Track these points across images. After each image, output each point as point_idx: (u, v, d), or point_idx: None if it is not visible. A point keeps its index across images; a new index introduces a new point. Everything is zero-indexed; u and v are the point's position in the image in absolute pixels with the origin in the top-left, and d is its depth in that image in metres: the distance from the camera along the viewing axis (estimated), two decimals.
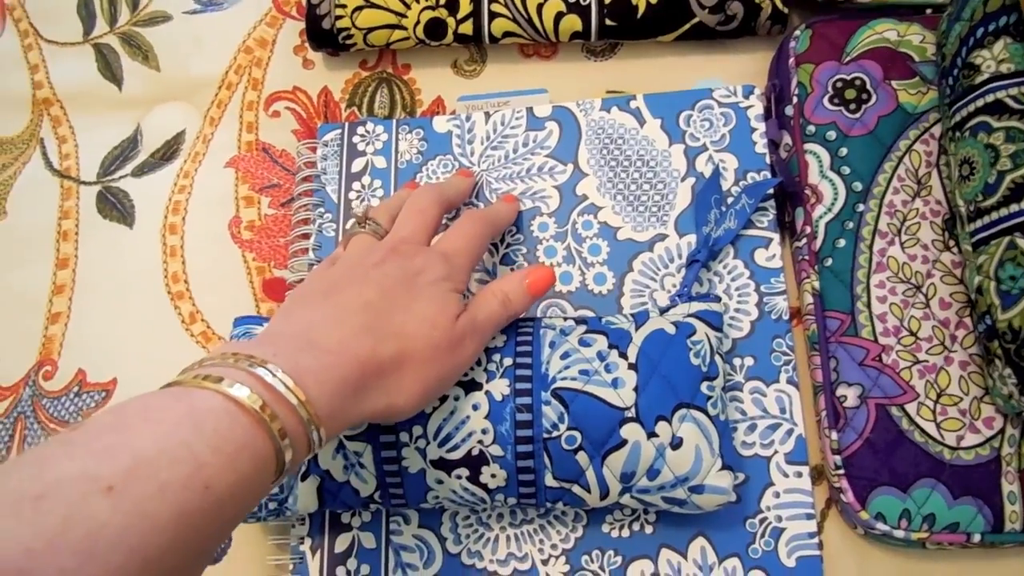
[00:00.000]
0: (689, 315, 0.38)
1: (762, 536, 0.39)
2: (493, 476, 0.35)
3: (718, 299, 0.39)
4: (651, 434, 0.34)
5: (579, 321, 0.38)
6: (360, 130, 0.48)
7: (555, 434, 0.35)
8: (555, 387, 0.35)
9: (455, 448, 0.35)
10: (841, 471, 0.38)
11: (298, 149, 0.48)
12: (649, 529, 0.40)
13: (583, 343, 0.36)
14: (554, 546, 0.40)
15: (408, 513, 0.41)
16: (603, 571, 0.39)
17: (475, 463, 0.35)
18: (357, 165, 0.47)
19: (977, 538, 0.37)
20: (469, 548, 0.40)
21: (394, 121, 0.48)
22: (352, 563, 0.40)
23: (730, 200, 0.43)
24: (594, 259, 0.44)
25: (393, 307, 0.32)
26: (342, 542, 0.40)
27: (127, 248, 0.49)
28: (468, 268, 0.37)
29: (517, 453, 0.35)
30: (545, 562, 0.40)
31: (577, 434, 0.35)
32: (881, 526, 0.37)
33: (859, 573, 0.39)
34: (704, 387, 0.36)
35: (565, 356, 0.36)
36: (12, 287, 0.49)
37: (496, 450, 0.35)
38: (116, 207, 0.50)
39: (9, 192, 0.51)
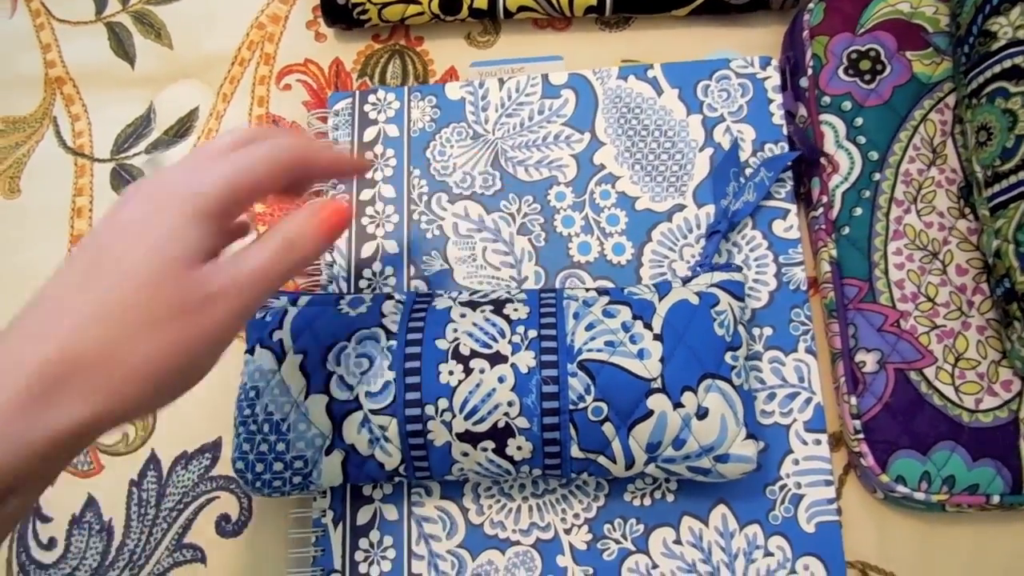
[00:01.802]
0: (712, 285, 0.38)
1: (782, 503, 0.39)
2: (519, 448, 0.35)
3: (739, 269, 0.39)
4: (677, 404, 0.35)
5: (601, 292, 0.38)
6: (372, 98, 0.47)
7: (581, 406, 0.35)
8: (581, 359, 0.35)
9: (481, 421, 0.35)
10: (861, 435, 0.39)
11: (308, 120, 0.48)
12: (671, 498, 0.40)
13: (607, 314, 0.37)
14: (576, 515, 0.40)
15: (430, 485, 0.41)
16: (625, 539, 0.39)
17: (501, 435, 0.35)
18: (369, 134, 0.47)
19: (996, 499, 0.37)
20: (492, 519, 0.40)
21: (406, 88, 0.47)
22: (375, 535, 0.40)
23: (748, 172, 0.43)
24: (612, 229, 0.44)
25: (94, 267, 0.25)
26: (364, 514, 0.40)
27: None
28: (220, 184, 0.26)
29: (543, 425, 0.35)
30: (568, 531, 0.40)
31: (603, 405, 0.35)
32: (901, 488, 0.38)
33: (878, 537, 0.40)
34: (728, 357, 0.36)
35: (590, 327, 0.36)
36: (27, 264, 0.49)
37: (522, 422, 0.35)
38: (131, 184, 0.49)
39: (23, 170, 0.50)
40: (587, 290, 0.39)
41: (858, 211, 0.42)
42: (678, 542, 0.39)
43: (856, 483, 0.41)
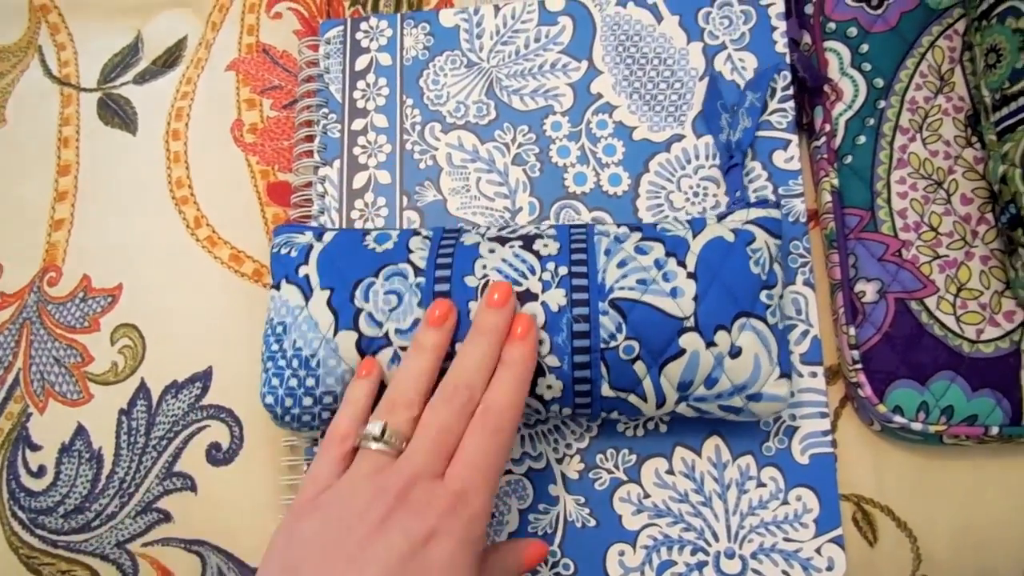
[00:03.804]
0: (747, 222, 0.37)
1: (776, 435, 0.39)
2: (549, 387, 0.35)
3: (777, 205, 0.38)
4: (710, 343, 0.34)
5: (633, 228, 0.37)
6: (363, 26, 0.46)
7: (612, 344, 0.34)
8: (613, 297, 0.34)
9: None
10: (859, 366, 0.38)
11: (299, 48, 0.47)
12: (664, 428, 0.39)
13: (639, 251, 0.35)
14: (568, 445, 0.40)
15: None
16: (617, 469, 0.39)
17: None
18: (361, 63, 0.46)
19: (995, 431, 0.37)
20: None
21: (399, 16, 0.46)
22: None
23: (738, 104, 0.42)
24: (609, 159, 0.43)
25: None
26: None
27: (130, 155, 0.47)
28: (488, 507, 0.31)
29: (574, 363, 0.34)
30: (560, 461, 0.39)
31: (635, 344, 0.34)
32: (899, 419, 0.37)
33: (874, 470, 0.39)
34: (763, 296, 0.35)
35: (622, 264, 0.35)
36: (13, 194, 0.48)
37: (553, 361, 0.34)
38: (118, 114, 0.48)
39: (8, 99, 0.49)
40: (618, 226, 0.38)
41: (861, 139, 0.41)
42: (670, 472, 0.39)
43: (852, 417, 0.40)
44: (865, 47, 0.42)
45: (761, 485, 0.38)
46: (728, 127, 0.41)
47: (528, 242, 0.36)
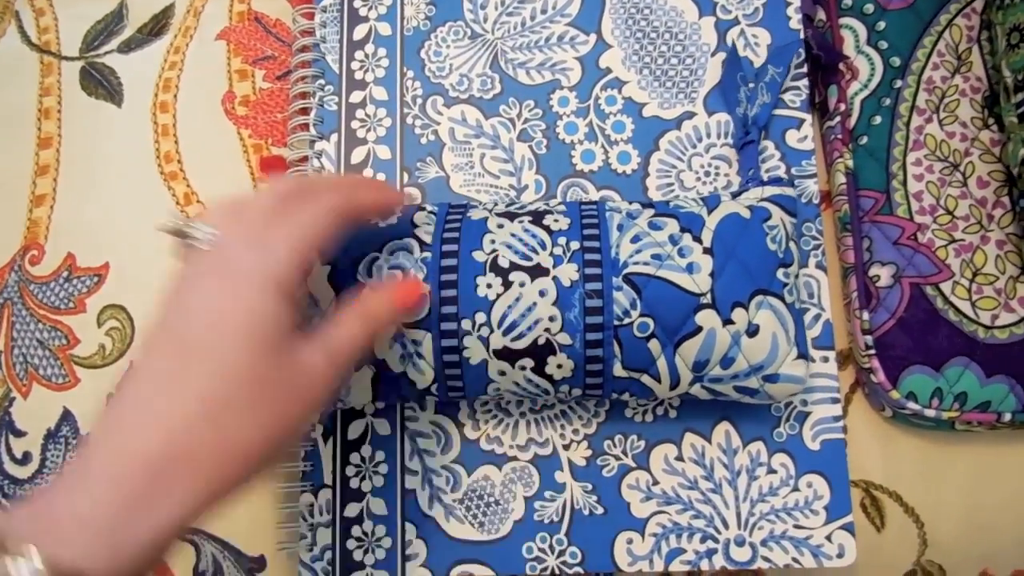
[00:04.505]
0: (763, 199, 0.36)
1: (787, 420, 0.38)
2: (559, 366, 0.33)
3: (792, 183, 0.37)
4: (727, 321, 0.33)
5: (645, 204, 0.36)
6: None
7: (627, 321, 0.33)
8: (627, 272, 0.33)
9: (520, 337, 0.33)
10: (872, 351, 0.37)
11: (293, 16, 0.45)
12: (673, 414, 0.39)
13: (653, 226, 0.34)
14: (576, 431, 0.39)
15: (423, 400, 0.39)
16: (626, 455, 0.38)
17: (541, 352, 0.33)
18: (359, 32, 0.44)
19: (1007, 417, 0.36)
20: (488, 434, 0.39)
21: None
22: (366, 450, 0.39)
23: (758, 76, 0.41)
24: (618, 137, 0.41)
25: (184, 360, 0.25)
26: (355, 429, 0.39)
27: (115, 127, 0.45)
28: (293, 257, 0.27)
29: (586, 341, 0.33)
30: (567, 447, 0.38)
31: (650, 321, 0.33)
32: (912, 405, 0.37)
33: (883, 456, 0.39)
34: (780, 273, 0.34)
35: (636, 239, 0.34)
36: None
37: (564, 338, 0.33)
38: (102, 84, 0.46)
39: None
40: (630, 203, 0.36)
41: (877, 120, 0.40)
42: (680, 459, 0.38)
43: (863, 402, 0.40)
44: (882, 24, 0.41)
45: (772, 471, 0.38)
46: (746, 100, 0.40)
47: (538, 217, 0.35)
